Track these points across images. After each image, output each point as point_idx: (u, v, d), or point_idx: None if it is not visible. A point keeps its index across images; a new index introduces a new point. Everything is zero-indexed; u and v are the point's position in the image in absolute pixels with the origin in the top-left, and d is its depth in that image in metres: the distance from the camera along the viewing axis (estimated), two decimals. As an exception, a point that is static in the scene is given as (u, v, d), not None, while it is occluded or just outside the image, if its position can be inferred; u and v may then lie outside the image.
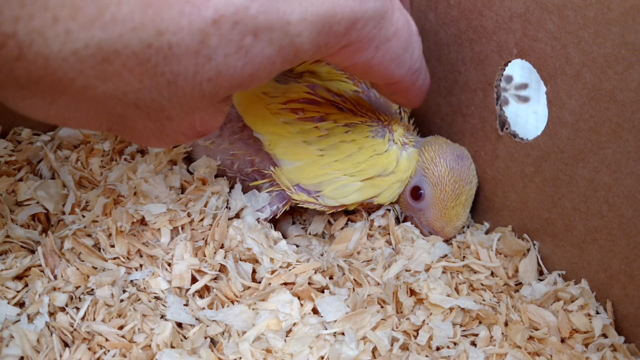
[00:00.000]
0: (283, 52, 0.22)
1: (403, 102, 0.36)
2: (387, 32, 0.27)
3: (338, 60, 0.27)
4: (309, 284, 0.34)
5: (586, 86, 0.31)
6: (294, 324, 0.32)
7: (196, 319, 0.32)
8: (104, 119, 0.22)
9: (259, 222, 0.37)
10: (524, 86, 0.59)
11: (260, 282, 0.34)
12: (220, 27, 0.19)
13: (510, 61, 0.36)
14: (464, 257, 0.39)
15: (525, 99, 0.58)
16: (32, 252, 0.35)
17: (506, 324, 0.34)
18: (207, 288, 0.34)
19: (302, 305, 0.33)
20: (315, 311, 0.33)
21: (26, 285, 0.33)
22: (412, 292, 0.35)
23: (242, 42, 0.20)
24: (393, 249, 0.39)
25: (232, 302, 0.33)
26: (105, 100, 0.20)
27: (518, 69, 0.61)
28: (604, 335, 0.33)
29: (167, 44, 0.19)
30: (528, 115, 0.56)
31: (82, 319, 0.32)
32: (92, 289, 0.33)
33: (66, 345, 0.31)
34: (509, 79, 0.60)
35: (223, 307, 0.33)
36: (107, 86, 0.19)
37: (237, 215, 0.38)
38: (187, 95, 0.21)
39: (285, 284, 0.34)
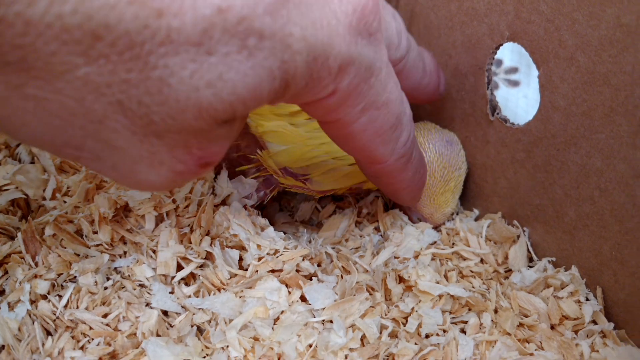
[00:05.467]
0: (283, 69, 0.20)
1: (390, 192, 0.34)
2: (377, 97, 0.25)
3: (323, 109, 0.24)
4: (297, 271, 0.33)
5: (580, 69, 0.31)
6: (282, 311, 0.31)
7: (182, 307, 0.32)
8: (77, 125, 0.18)
9: (245, 208, 0.36)
10: (514, 70, 0.59)
11: (247, 270, 0.33)
12: (226, 17, 0.17)
13: (501, 44, 0.36)
14: (453, 244, 0.38)
15: (515, 83, 0.58)
16: (12, 238, 0.34)
17: (496, 311, 0.34)
18: (193, 275, 0.33)
19: (289, 292, 0.32)
20: (303, 299, 0.32)
21: (6, 272, 0.32)
22: (400, 279, 0.34)
23: (245, 42, 0.18)
24: (382, 235, 0.39)
25: (219, 290, 0.32)
26: (84, 87, 0.17)
27: (508, 53, 0.60)
28: (594, 322, 0.33)
29: (166, 28, 0.16)
30: (518, 99, 0.55)
31: (65, 307, 0.31)
32: (75, 277, 0.32)
33: (49, 333, 0.30)
34: (499, 62, 0.60)
35: (209, 295, 0.32)
36: (91, 69, 0.16)
37: (224, 202, 0.37)
38: (181, 104, 0.18)
39: (273, 271, 0.33)
